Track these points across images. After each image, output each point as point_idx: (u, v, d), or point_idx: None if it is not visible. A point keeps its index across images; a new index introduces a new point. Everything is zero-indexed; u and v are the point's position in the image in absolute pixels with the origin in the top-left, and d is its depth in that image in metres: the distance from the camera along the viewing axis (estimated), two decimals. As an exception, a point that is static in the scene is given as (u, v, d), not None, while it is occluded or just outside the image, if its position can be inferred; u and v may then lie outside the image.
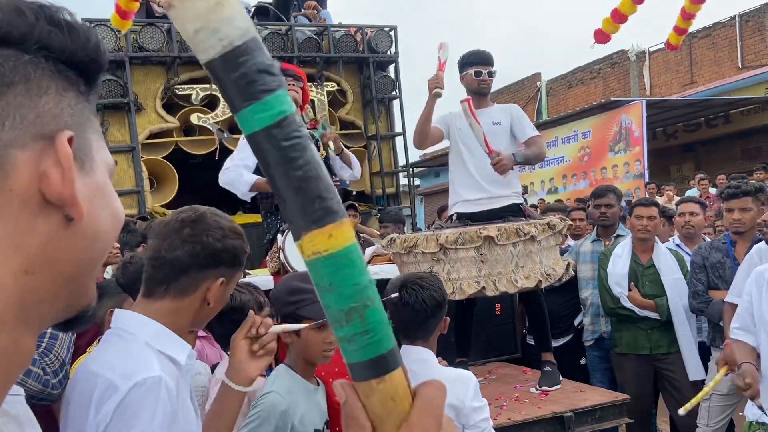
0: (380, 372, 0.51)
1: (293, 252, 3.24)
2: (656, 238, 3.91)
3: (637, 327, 3.84)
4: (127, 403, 1.13)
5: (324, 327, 1.94)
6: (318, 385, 2.06)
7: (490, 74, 3.79)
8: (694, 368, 3.67)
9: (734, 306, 2.99)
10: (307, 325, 1.85)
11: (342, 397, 0.54)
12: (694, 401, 3.01)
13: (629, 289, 3.79)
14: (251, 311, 1.69)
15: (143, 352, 1.23)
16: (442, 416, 0.54)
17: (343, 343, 0.51)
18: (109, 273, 3.66)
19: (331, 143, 3.91)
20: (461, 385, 2.07)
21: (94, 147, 0.55)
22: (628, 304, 3.80)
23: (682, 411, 2.99)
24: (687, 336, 3.71)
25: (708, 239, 4.37)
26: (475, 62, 3.76)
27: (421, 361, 2.12)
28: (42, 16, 0.51)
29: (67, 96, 0.52)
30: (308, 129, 3.68)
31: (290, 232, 3.01)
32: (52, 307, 0.52)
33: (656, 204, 4.00)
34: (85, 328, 0.65)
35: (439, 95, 3.61)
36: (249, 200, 3.89)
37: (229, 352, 2.24)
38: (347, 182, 4.29)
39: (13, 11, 0.49)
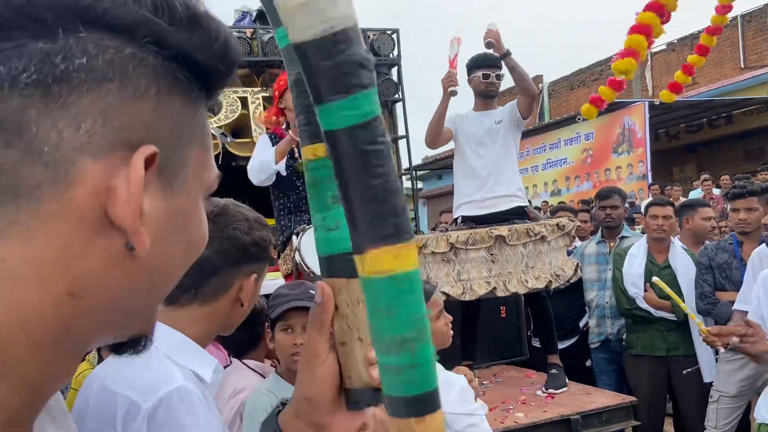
0: (422, 412, 0.47)
1: (310, 253, 3.23)
2: (672, 238, 3.89)
3: (654, 328, 3.82)
4: (160, 421, 1.02)
5: (292, 329, 1.92)
6: None
7: (498, 77, 3.78)
8: (708, 370, 3.65)
9: (743, 313, 2.98)
10: None
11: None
12: (674, 296, 3.17)
13: (645, 290, 3.77)
14: None
15: (163, 365, 1.11)
16: None
17: (387, 373, 0.47)
18: None
19: None
20: (442, 390, 2.06)
21: (192, 163, 0.48)
22: (644, 304, 3.77)
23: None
24: (701, 339, 3.69)
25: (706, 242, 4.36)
26: (483, 65, 3.75)
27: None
28: (165, 6, 0.43)
29: (171, 102, 0.45)
30: None
31: (308, 232, 2.98)
32: (100, 334, 0.47)
33: (671, 203, 3.98)
34: (136, 353, 0.58)
35: (454, 93, 3.62)
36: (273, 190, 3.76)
37: (242, 360, 2.23)
38: None
39: None
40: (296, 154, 3.56)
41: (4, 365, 0.40)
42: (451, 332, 2.12)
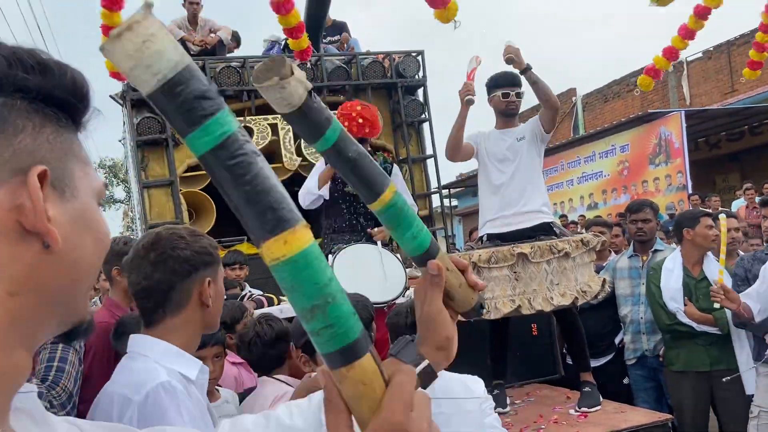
0: (348, 360, 0.56)
1: (340, 272, 3.31)
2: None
3: (695, 343, 3.72)
4: (146, 412, 1.20)
5: None
6: None
7: (518, 95, 3.78)
8: (750, 383, 3.53)
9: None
10: None
11: (322, 383, 0.59)
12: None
13: (685, 304, 3.68)
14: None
15: (152, 366, 1.31)
16: (412, 401, 0.57)
17: (312, 336, 0.56)
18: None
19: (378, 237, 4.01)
20: (474, 382, 2.33)
21: (77, 175, 0.59)
22: (685, 319, 3.68)
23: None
24: (745, 350, 3.59)
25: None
26: (503, 84, 3.76)
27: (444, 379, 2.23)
28: (16, 61, 0.55)
29: (45, 131, 0.56)
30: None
31: (340, 253, 3.17)
32: (44, 325, 0.57)
33: (708, 214, 3.90)
34: (82, 339, 0.76)
35: (471, 102, 3.66)
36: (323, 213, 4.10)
37: (264, 377, 2.37)
38: None
39: None
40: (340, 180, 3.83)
41: None
42: None
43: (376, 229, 3.91)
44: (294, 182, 5.68)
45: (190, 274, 1.43)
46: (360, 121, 3.88)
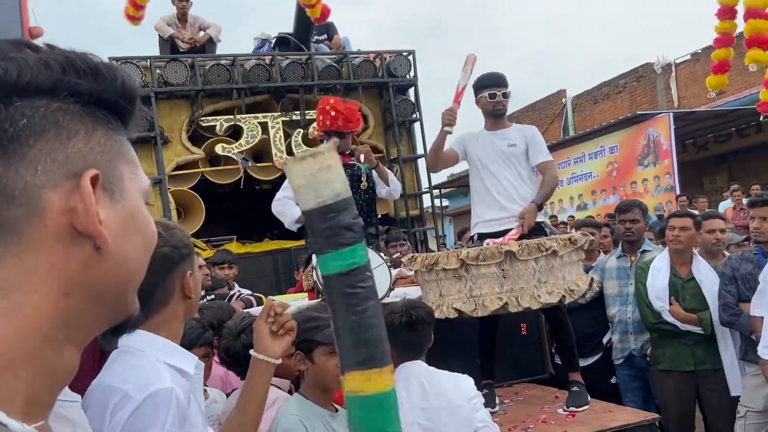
0: None
1: None
2: (695, 251, 3.82)
3: (681, 342, 3.74)
4: (141, 412, 1.22)
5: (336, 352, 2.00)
6: (337, 411, 2.07)
7: (505, 95, 3.79)
8: (735, 384, 3.56)
9: (759, 319, 2.96)
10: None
11: None
12: None
13: (670, 303, 3.70)
14: (268, 298, 1.85)
15: (155, 366, 1.32)
16: None
17: None
18: None
19: (362, 156, 3.97)
20: (464, 379, 2.35)
21: (126, 176, 0.61)
22: (670, 318, 3.70)
23: None
24: (729, 350, 3.61)
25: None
26: (489, 85, 3.77)
27: (427, 373, 2.34)
28: (69, 66, 0.57)
29: (96, 134, 0.58)
30: (354, 162, 3.91)
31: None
32: (94, 322, 0.60)
33: (690, 214, 3.90)
34: (128, 332, 0.80)
35: (449, 132, 3.74)
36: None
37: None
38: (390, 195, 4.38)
39: (41, 65, 0.55)
40: None
41: (23, 355, 0.53)
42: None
43: (362, 150, 3.90)
44: (284, 182, 5.66)
45: (171, 270, 1.45)
46: (333, 114, 3.87)
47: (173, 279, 1.45)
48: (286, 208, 3.94)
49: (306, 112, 6.45)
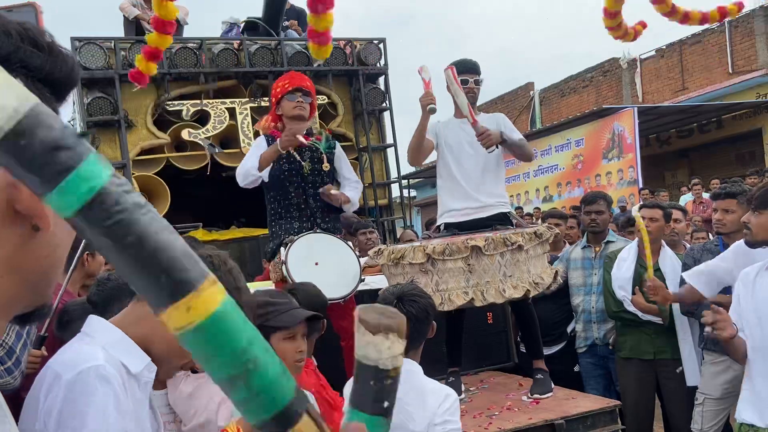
0: (285, 426, 0.50)
1: (296, 266, 3.26)
2: (662, 241, 3.89)
3: (641, 331, 3.83)
4: (74, 390, 1.16)
5: (294, 337, 1.96)
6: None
7: (477, 83, 3.78)
8: (691, 374, 3.66)
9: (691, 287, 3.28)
10: None
11: None
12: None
13: (633, 293, 3.77)
14: None
15: (92, 349, 1.26)
16: None
17: (239, 406, 0.50)
18: None
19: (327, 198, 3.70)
20: (434, 397, 2.08)
21: None
22: (631, 307, 3.77)
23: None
24: (688, 341, 3.70)
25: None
26: (461, 71, 3.75)
27: (407, 372, 2.14)
28: (26, 38, 0.55)
29: None
30: (314, 141, 3.68)
31: (293, 245, 2.98)
32: (15, 306, 0.58)
33: (660, 206, 3.96)
34: (37, 322, 0.74)
35: (433, 111, 3.61)
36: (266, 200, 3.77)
37: None
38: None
39: (2, 32, 0.54)
40: (293, 158, 3.57)
41: None
42: (301, 362, 2.09)
43: (333, 190, 3.64)
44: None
45: None
46: (300, 77, 3.77)
47: None
48: (243, 168, 3.63)
49: (275, 98, 6.36)
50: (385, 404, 0.60)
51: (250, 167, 3.56)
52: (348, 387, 2.27)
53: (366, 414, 0.57)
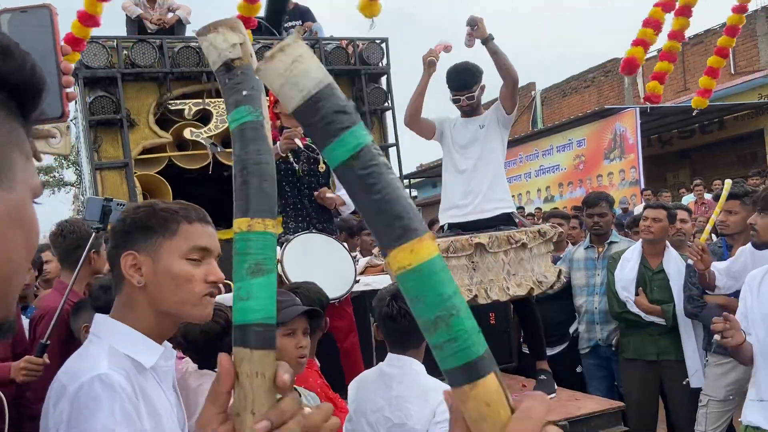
0: (471, 378, 0.55)
1: (291, 265, 3.25)
2: (667, 242, 3.88)
3: (645, 333, 3.82)
4: (80, 403, 1.14)
5: (295, 333, 1.93)
6: (300, 395, 2.03)
7: (470, 98, 3.69)
8: (695, 375, 3.65)
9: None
10: None
11: (447, 403, 0.60)
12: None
13: (637, 294, 3.76)
14: None
15: (97, 354, 1.23)
16: (540, 429, 0.54)
17: (435, 350, 0.55)
18: None
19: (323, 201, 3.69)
20: (436, 395, 2.06)
21: (18, 168, 0.55)
22: (634, 309, 3.77)
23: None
24: (691, 342, 3.69)
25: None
26: (452, 88, 3.72)
27: (410, 371, 2.13)
28: None
29: None
30: (310, 142, 3.66)
31: (289, 244, 2.96)
32: None
33: (665, 207, 3.94)
34: (1, 339, 0.72)
35: (433, 64, 3.60)
36: None
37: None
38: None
39: None
40: (290, 159, 3.57)
41: None
42: (303, 359, 2.07)
43: (327, 193, 3.61)
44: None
45: (117, 247, 1.32)
46: None
47: (117, 256, 1.31)
48: None
49: (277, 97, 6.35)
50: (244, 93, 0.67)
51: None
52: (354, 383, 2.27)
53: (330, 144, 0.58)
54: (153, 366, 1.27)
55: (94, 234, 2.70)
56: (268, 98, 3.85)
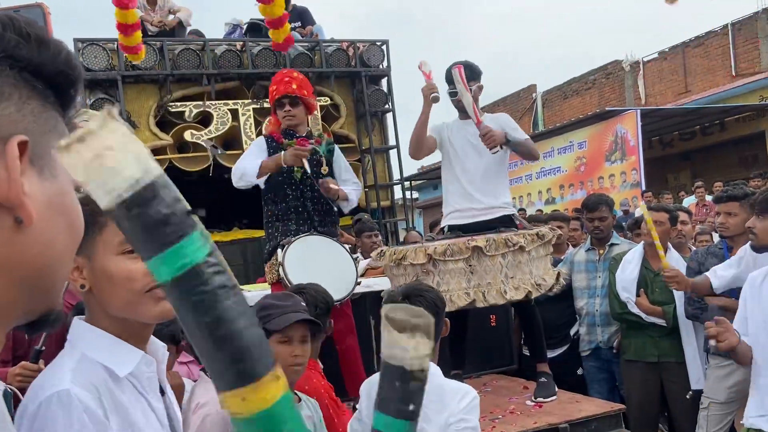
0: None
1: (292, 268, 3.24)
2: (669, 244, 3.87)
3: (646, 334, 3.81)
4: (36, 424, 1.02)
5: (290, 341, 1.94)
6: (300, 400, 2.03)
7: (479, 89, 3.72)
8: (696, 377, 3.64)
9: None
10: None
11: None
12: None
13: (638, 295, 3.75)
14: None
15: (63, 365, 1.10)
16: None
17: None
18: None
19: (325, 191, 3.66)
20: (453, 396, 2.05)
21: (59, 156, 0.54)
22: (635, 310, 3.76)
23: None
24: (692, 344, 3.68)
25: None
26: (447, 82, 3.75)
27: (429, 374, 2.10)
28: (10, 27, 0.53)
29: (31, 103, 0.54)
30: (313, 144, 3.66)
31: (290, 247, 2.94)
32: (12, 311, 0.53)
33: (666, 209, 3.91)
34: (50, 331, 0.63)
35: (436, 100, 3.61)
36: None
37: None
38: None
39: None
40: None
41: None
42: (298, 367, 2.05)
43: (332, 184, 3.57)
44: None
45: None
46: (286, 79, 3.72)
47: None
48: (242, 168, 3.59)
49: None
50: (411, 407, 0.61)
51: (249, 172, 3.53)
52: (365, 385, 2.25)
53: (391, 416, 0.57)
54: (132, 373, 1.13)
55: None
56: (268, 101, 3.81)
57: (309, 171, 3.52)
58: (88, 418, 1.03)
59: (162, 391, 1.20)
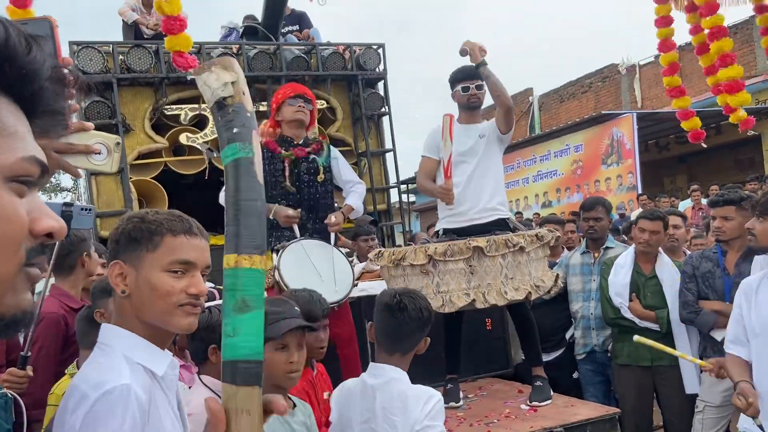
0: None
1: (288, 271, 3.23)
2: (660, 249, 3.86)
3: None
4: (96, 411, 1.15)
5: (287, 347, 1.93)
6: (294, 406, 2.02)
7: (479, 87, 3.76)
8: (690, 381, 3.63)
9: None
10: None
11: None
12: (660, 346, 3.21)
13: (630, 300, 3.74)
14: None
15: (116, 363, 1.24)
16: None
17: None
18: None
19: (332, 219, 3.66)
20: (416, 402, 2.03)
21: None
22: (628, 314, 3.76)
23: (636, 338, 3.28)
24: (686, 348, 3.67)
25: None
26: (462, 78, 3.76)
27: (391, 380, 2.09)
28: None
29: None
30: (312, 151, 3.68)
31: (285, 251, 2.96)
32: None
33: (661, 217, 3.89)
34: (11, 335, 0.70)
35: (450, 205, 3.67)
36: None
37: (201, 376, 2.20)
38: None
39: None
40: (286, 172, 3.57)
41: None
42: (294, 374, 2.01)
43: (333, 218, 3.58)
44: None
45: (109, 256, 1.36)
46: (300, 87, 3.80)
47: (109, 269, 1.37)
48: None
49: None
50: (235, 130, 0.75)
51: None
52: (336, 395, 2.25)
53: (225, 145, 0.75)
54: (162, 375, 1.29)
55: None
56: (270, 105, 3.85)
57: (287, 183, 3.61)
58: (139, 415, 1.17)
59: None
